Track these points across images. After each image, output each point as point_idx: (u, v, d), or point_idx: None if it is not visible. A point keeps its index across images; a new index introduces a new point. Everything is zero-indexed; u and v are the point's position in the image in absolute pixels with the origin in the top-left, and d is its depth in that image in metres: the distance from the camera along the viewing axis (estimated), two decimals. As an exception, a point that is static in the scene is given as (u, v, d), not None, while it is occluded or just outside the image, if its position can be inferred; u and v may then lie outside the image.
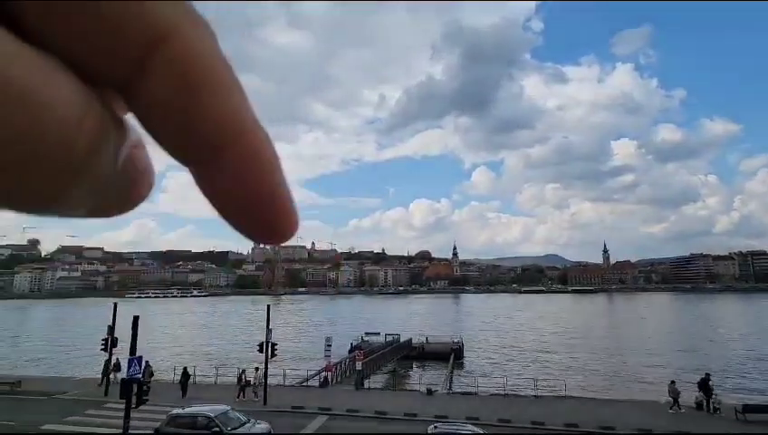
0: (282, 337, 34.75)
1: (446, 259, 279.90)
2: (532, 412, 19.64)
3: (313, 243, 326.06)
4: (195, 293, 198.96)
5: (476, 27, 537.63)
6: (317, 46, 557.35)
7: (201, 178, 0.21)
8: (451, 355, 36.79)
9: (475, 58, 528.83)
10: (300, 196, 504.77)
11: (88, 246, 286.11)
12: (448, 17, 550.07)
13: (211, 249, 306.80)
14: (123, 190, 0.20)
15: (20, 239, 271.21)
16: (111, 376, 24.90)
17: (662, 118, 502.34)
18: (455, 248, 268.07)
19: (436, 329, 53.43)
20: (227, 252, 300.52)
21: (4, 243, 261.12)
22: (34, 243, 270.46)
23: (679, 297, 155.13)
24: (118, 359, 25.59)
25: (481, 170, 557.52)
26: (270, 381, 21.70)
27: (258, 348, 22.33)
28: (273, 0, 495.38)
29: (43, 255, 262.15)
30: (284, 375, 25.50)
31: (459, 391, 25.91)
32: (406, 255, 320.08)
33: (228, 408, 16.37)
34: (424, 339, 42.06)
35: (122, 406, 14.68)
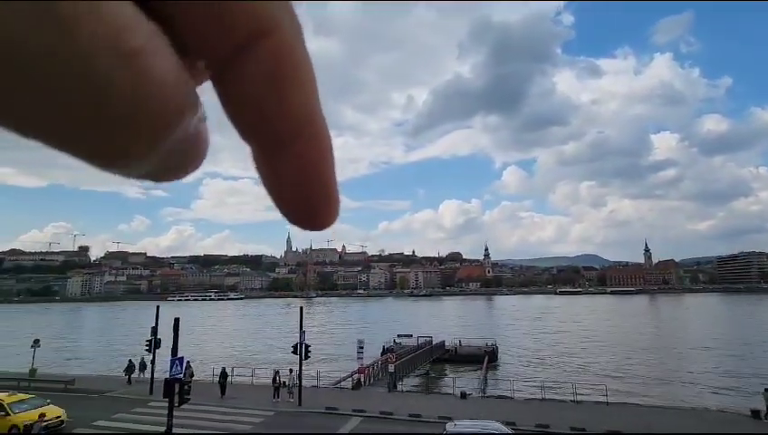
0: (315, 339, 35.24)
1: (478, 260, 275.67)
2: (572, 418, 18.98)
3: (344, 246, 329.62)
4: (231, 296, 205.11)
5: (504, 24, 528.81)
6: (344, 51, 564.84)
7: (264, 160, 0.23)
8: (485, 358, 36.13)
9: (503, 55, 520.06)
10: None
11: (132, 251, 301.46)
12: (475, 15, 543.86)
13: (246, 253, 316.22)
14: (184, 157, 0.21)
15: (72, 246, 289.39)
16: (135, 374, 26.61)
17: (706, 108, 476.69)
18: (486, 249, 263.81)
19: (468, 331, 52.67)
20: (261, 256, 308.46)
21: (57, 250, 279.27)
22: (85, 249, 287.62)
23: (730, 298, 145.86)
24: (143, 359, 27.37)
25: (512, 169, 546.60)
26: (304, 382, 22.04)
27: (292, 350, 22.74)
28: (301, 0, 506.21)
29: (92, 260, 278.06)
30: (318, 377, 25.81)
31: (494, 394, 25.41)
32: (436, 256, 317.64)
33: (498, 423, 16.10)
34: (457, 341, 41.51)
35: (164, 403, 15.34)
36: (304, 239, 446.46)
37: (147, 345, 24.47)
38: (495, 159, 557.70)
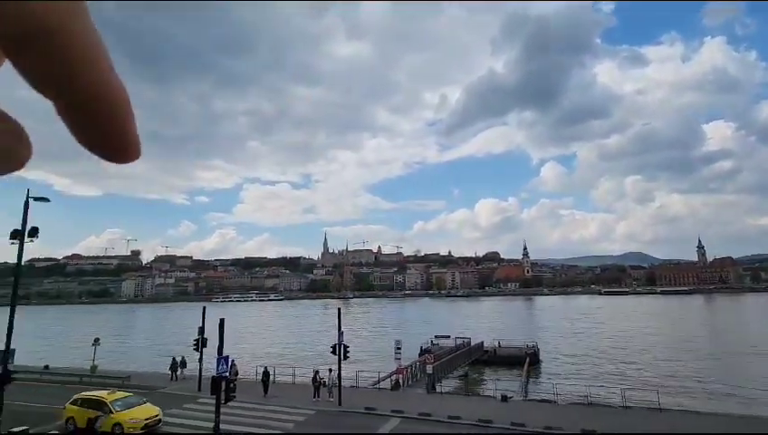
0: (352, 339, 35.60)
1: (516, 260, 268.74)
2: (621, 424, 18.13)
3: (380, 247, 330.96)
4: (271, 296, 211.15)
5: (539, 16, 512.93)
6: (376, 54, 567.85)
7: (65, 117, 0.25)
8: (525, 360, 35.21)
9: (538, 48, 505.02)
10: (364, 201, 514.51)
11: (179, 255, 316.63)
12: (508, 8, 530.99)
13: (284, 256, 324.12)
14: None
15: (125, 251, 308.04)
16: (178, 372, 28.09)
17: (766, 93, 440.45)
18: (525, 248, 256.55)
19: (507, 332, 51.46)
20: (299, 257, 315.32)
21: (113, 254, 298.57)
22: (137, 254, 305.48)
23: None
24: (183, 357, 29.05)
25: (550, 166, 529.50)
26: (343, 382, 22.32)
27: (331, 350, 23.10)
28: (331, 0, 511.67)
29: (143, 264, 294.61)
30: (357, 377, 26.07)
31: (536, 398, 24.68)
32: (473, 256, 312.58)
33: None
34: (496, 343, 40.69)
35: (212, 400, 16.02)
36: (341, 241, 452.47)
37: (194, 344, 25.64)
38: (532, 156, 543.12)
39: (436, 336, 42.01)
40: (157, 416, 17.64)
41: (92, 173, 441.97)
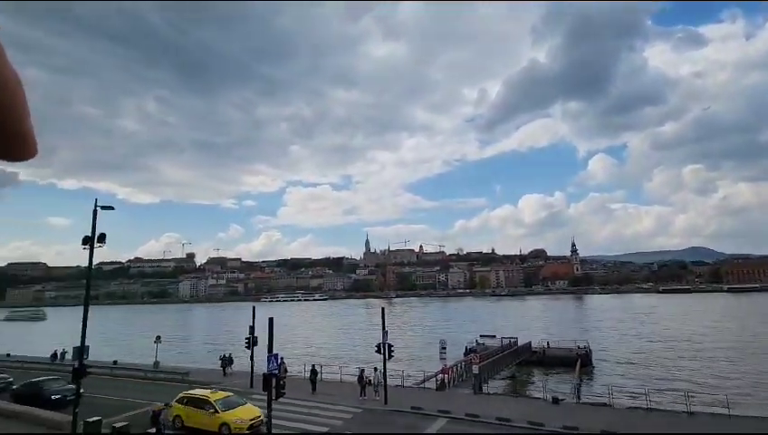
0: (396, 339, 35.71)
1: (564, 257, 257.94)
2: (686, 431, 16.96)
3: (421, 246, 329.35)
4: (316, 296, 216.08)
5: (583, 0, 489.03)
6: (413, 53, 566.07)
7: None
8: (577, 362, 33.79)
9: (583, 34, 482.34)
10: (405, 200, 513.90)
11: (229, 257, 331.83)
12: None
13: (327, 256, 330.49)
14: None
15: (181, 253, 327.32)
16: (228, 369, 29.46)
17: None
18: (573, 245, 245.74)
19: (556, 333, 49.60)
20: (342, 258, 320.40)
21: (170, 257, 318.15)
22: (191, 256, 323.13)
23: None
24: (230, 354, 30.84)
25: (599, 158, 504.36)
26: (388, 381, 22.47)
27: (376, 349, 23.31)
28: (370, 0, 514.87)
29: (197, 266, 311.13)
30: (402, 376, 26.14)
31: (589, 401, 23.63)
32: (518, 254, 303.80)
33: None
34: (544, 343, 39.34)
35: (264, 396, 16.67)
36: (382, 241, 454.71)
37: (246, 342, 26.76)
38: (579, 148, 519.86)
39: (481, 336, 41.31)
40: (260, 417, 17.44)
41: (151, 182, 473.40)
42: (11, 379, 26.27)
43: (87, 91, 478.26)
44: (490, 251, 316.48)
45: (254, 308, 27.78)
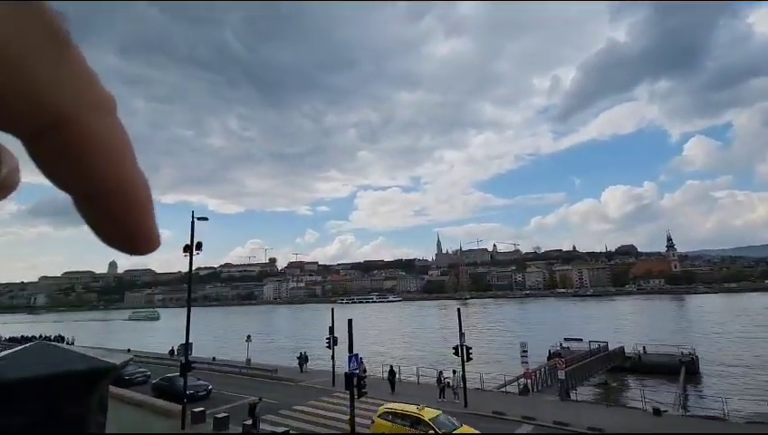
0: (473, 340, 34.87)
1: (659, 253, 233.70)
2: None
3: (495, 245, 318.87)
4: (390, 298, 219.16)
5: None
6: (477, 47, 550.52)
7: (80, 208, 0.24)
8: (681, 369, 30.44)
9: (670, 6, 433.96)
10: (475, 199, 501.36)
11: (306, 261, 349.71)
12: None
13: (399, 258, 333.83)
14: None
15: (264, 258, 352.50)
16: (304, 366, 31.51)
17: None
18: (669, 239, 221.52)
19: (653, 337, 45.01)
20: (413, 259, 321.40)
21: (254, 262, 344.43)
22: (273, 261, 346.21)
23: None
24: (306, 352, 32.70)
25: (697, 141, 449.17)
26: (467, 384, 22.06)
27: (453, 351, 23.02)
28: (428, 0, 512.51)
29: (279, 270, 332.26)
30: (482, 379, 25.51)
31: (698, 413, 21.11)
32: (603, 251, 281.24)
33: None
34: (640, 348, 35.93)
35: (346, 395, 17.28)
36: (453, 241, 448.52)
37: (327, 342, 27.95)
38: (671, 132, 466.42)
39: (565, 339, 38.91)
40: None
41: (236, 193, 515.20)
42: (149, 372, 28.43)
43: (180, 115, 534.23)
44: (571, 248, 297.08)
45: (332, 310, 28.96)
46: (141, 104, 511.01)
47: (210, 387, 24.28)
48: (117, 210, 0.24)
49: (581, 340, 37.72)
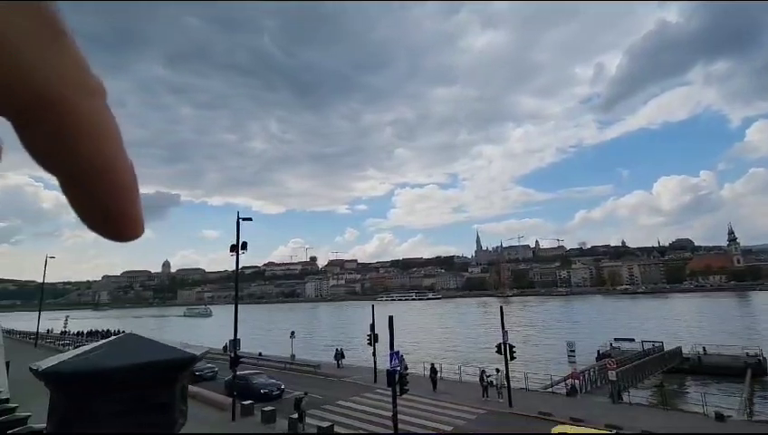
0: (516, 339, 34.00)
1: (719, 247, 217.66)
2: None
3: (537, 241, 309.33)
4: (430, 295, 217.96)
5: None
6: (514, 38, 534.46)
7: (66, 190, 0.25)
8: (746, 371, 28.23)
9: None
10: (515, 194, 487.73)
11: (346, 259, 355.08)
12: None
13: (438, 255, 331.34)
14: None
15: (305, 257, 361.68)
16: (340, 362, 32.35)
17: None
18: (731, 232, 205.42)
19: (714, 337, 41.98)
20: (453, 256, 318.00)
21: (296, 261, 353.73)
22: (314, 260, 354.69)
23: None
24: (342, 349, 33.73)
25: (761, 125, 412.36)
26: (511, 383, 21.57)
27: (496, 349, 22.58)
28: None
29: (320, 268, 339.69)
30: (526, 379, 24.85)
31: (766, 419, 19.50)
32: (655, 246, 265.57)
33: None
34: (699, 349, 33.65)
35: (387, 391, 17.37)
36: (493, 237, 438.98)
37: (368, 339, 28.26)
38: (731, 116, 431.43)
39: (615, 339, 37.12)
40: None
41: (277, 194, 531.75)
42: (216, 368, 28.39)
43: (224, 120, 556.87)
44: (620, 244, 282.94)
45: (372, 307, 29.26)
46: (188, 111, 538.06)
47: (283, 386, 23.78)
48: (102, 192, 0.24)
49: (633, 340, 35.85)
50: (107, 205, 0.25)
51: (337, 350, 33.70)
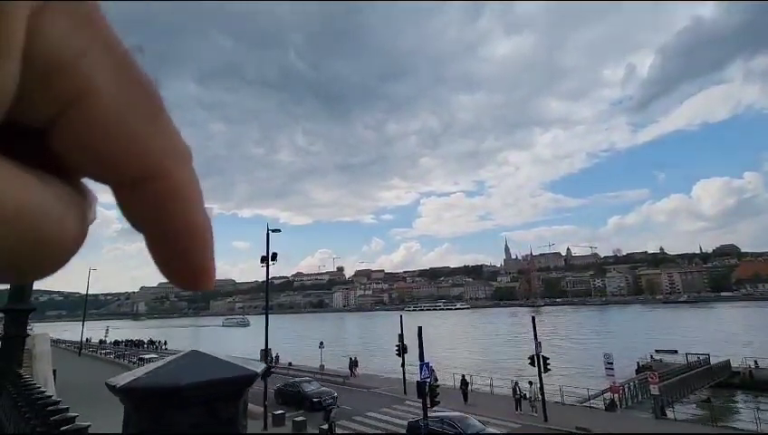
0: (550, 350, 32.91)
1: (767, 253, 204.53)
2: None
3: (569, 248, 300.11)
4: (458, 305, 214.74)
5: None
6: (540, 42, 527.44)
7: (153, 251, 0.26)
8: (805, 388, 26.20)
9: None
10: (545, 201, 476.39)
11: (373, 269, 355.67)
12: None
13: (465, 264, 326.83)
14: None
15: (332, 267, 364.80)
16: (354, 370, 32.28)
17: None
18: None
19: (765, 349, 39.29)
20: (481, 265, 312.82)
21: (324, 271, 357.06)
22: (341, 270, 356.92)
23: None
24: (355, 357, 33.86)
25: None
26: (546, 397, 20.85)
27: (529, 361, 21.94)
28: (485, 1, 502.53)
29: (347, 278, 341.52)
30: (562, 392, 23.96)
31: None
32: (697, 252, 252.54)
33: None
34: (751, 362, 31.56)
35: (417, 403, 17.15)
36: (522, 245, 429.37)
37: (396, 350, 28.04)
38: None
39: (657, 350, 35.38)
40: None
41: (305, 205, 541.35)
42: (336, 394, 28.13)
43: (252, 133, 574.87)
44: (657, 250, 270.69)
45: (401, 317, 29.08)
46: (220, 127, 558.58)
47: (336, 395, 23.00)
48: (188, 251, 0.26)
49: (676, 351, 34.10)
50: (191, 261, 0.26)
51: (351, 358, 33.70)
